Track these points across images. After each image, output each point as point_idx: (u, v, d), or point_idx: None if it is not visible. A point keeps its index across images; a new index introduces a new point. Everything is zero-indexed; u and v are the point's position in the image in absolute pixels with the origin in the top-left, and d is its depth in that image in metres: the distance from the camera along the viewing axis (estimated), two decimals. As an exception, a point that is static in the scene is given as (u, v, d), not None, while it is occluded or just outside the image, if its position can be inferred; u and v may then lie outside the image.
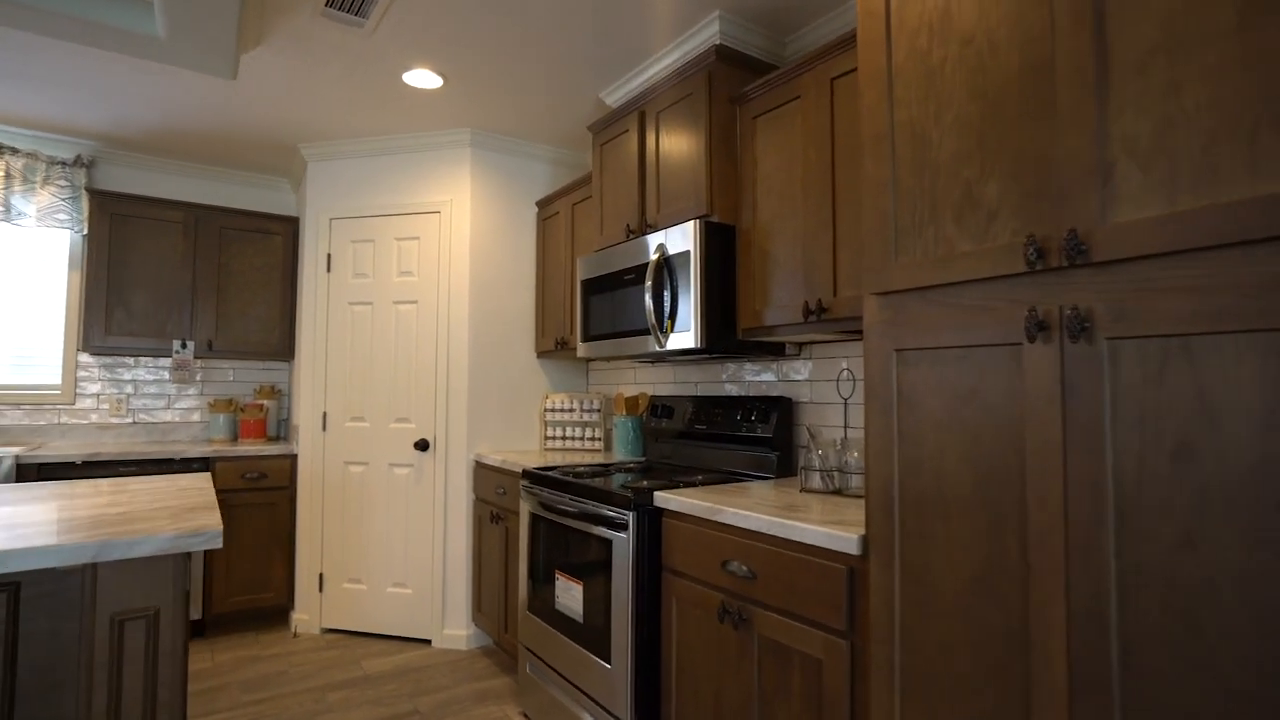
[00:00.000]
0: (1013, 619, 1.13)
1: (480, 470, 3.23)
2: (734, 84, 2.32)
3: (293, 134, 3.42)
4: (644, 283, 2.39)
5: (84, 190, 3.55)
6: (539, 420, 3.54)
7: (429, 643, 3.30)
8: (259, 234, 3.82)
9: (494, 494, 3.06)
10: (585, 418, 3.40)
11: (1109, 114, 1.02)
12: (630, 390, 3.37)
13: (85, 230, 3.56)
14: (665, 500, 2.00)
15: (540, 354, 3.52)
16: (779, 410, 2.37)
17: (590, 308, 2.76)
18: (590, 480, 2.31)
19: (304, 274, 3.59)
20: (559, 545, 2.41)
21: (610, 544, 2.10)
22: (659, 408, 2.91)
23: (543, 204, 3.51)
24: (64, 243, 3.64)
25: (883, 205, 1.37)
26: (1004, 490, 1.15)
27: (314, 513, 3.48)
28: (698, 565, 1.87)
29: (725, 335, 2.24)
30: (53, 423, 3.57)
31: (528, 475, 2.66)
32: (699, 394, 2.88)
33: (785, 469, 2.38)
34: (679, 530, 1.95)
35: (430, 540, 3.31)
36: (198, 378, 3.93)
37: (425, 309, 3.40)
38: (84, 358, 3.65)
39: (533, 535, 2.60)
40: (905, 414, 1.32)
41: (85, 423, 3.64)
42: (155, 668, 1.37)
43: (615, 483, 2.25)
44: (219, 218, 3.71)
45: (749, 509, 1.73)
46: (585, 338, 2.80)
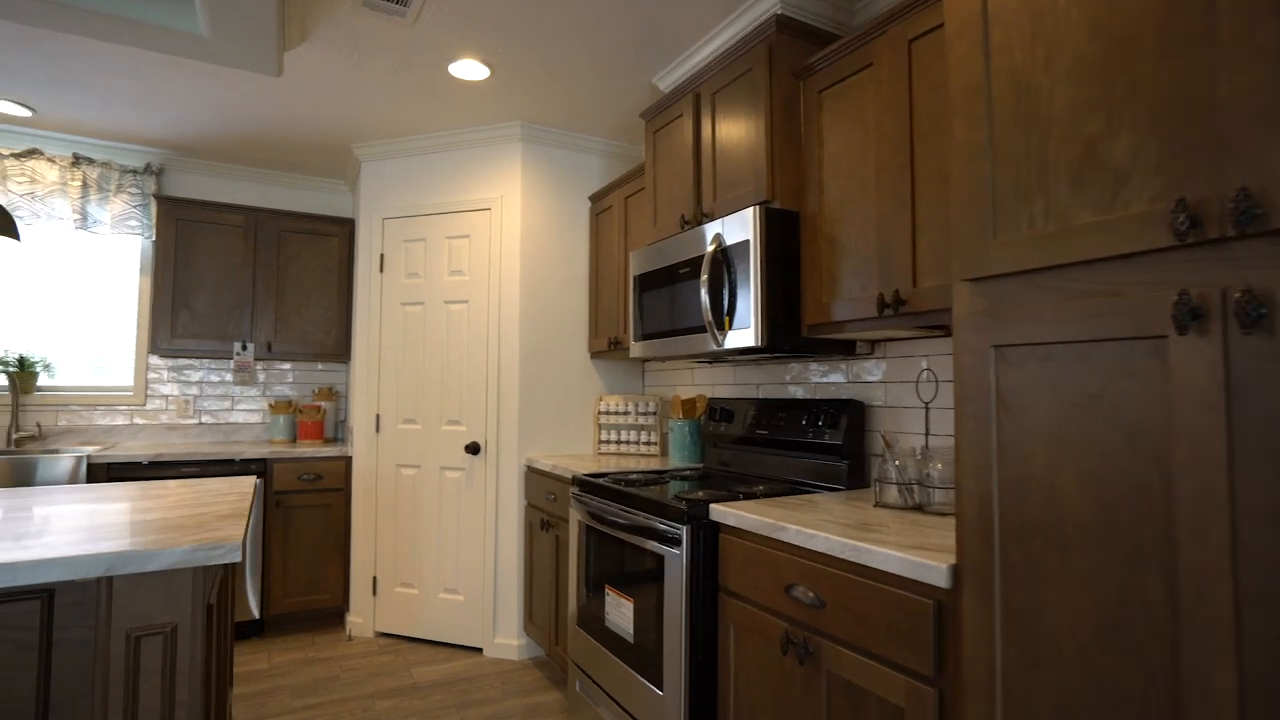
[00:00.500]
0: (1156, 682, 0.90)
1: (531, 475, 3.12)
2: (796, 56, 2.12)
3: (345, 134, 3.41)
4: (699, 276, 2.22)
5: (152, 197, 3.64)
6: (593, 423, 3.41)
7: (480, 651, 3.22)
8: (316, 236, 3.84)
9: (544, 500, 2.95)
10: (640, 421, 3.25)
11: (1292, 36, 0.79)
12: (687, 392, 3.19)
13: (153, 236, 3.65)
14: (722, 514, 1.82)
15: (594, 354, 3.38)
16: (849, 415, 2.15)
17: (644, 305, 2.60)
18: (641, 489, 2.15)
19: (358, 275, 3.58)
20: (609, 558, 2.26)
21: (662, 560, 1.93)
22: (717, 411, 2.72)
23: (595, 198, 3.37)
24: (135, 249, 3.75)
25: (977, 173, 1.16)
26: (1141, 518, 0.92)
27: (368, 515, 3.45)
28: (758, 588, 1.68)
29: (789, 332, 2.04)
30: (126, 423, 3.68)
31: (577, 482, 2.52)
32: (760, 396, 2.68)
33: (856, 480, 2.16)
34: (737, 548, 1.76)
35: (481, 546, 3.23)
36: (260, 379, 3.99)
37: (476, 308, 3.32)
38: (153, 360, 3.74)
39: (582, 546, 2.46)
40: (1007, 422, 1.10)
41: (155, 423, 3.74)
42: (173, 688, 1.29)
43: (669, 492, 2.09)
44: (278, 220, 3.74)
45: (816, 527, 1.53)
46: (639, 336, 2.64)
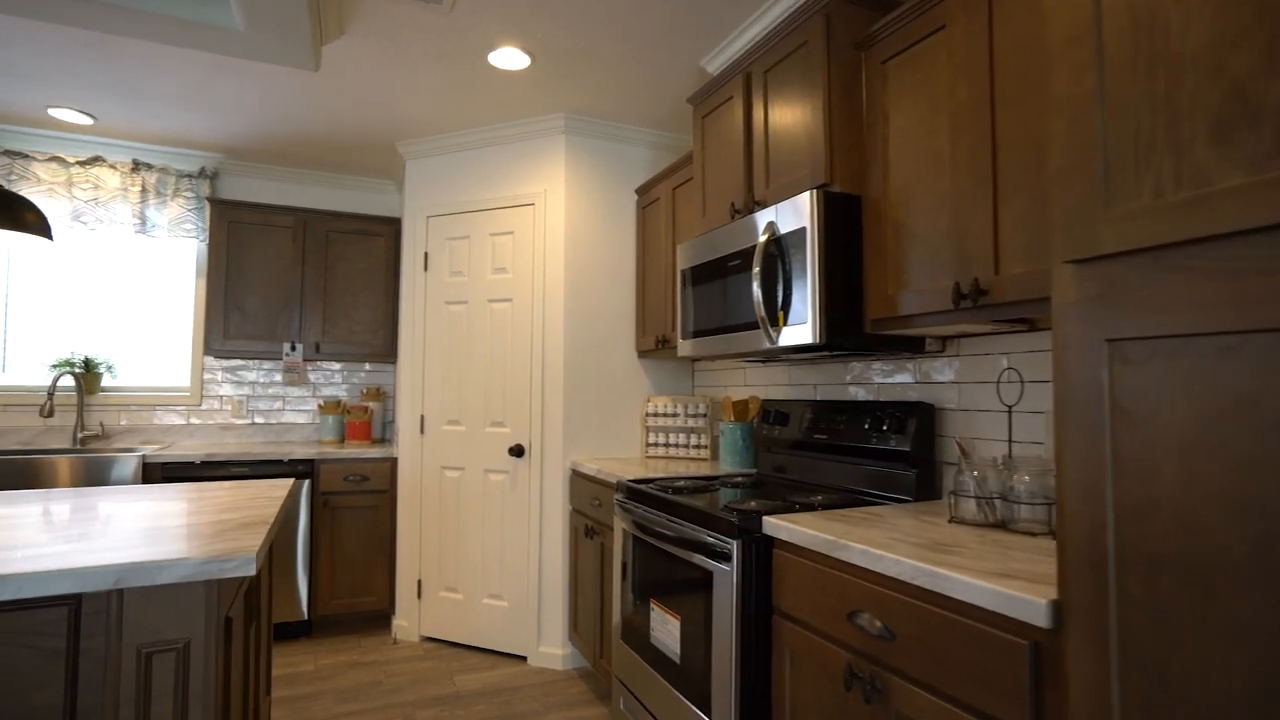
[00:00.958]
0: (1342, 770, 0.70)
1: (576, 479, 3.01)
2: (857, 26, 1.93)
3: (389, 131, 3.37)
4: (751, 269, 2.05)
5: (206, 200, 3.69)
6: (640, 425, 3.28)
7: (524, 660, 3.12)
8: (363, 236, 3.83)
9: (589, 505, 2.83)
10: (690, 423, 3.10)
11: None
12: (739, 393, 3.02)
13: (207, 238, 3.70)
14: (776, 527, 1.65)
15: (641, 353, 3.25)
16: (917, 418, 1.95)
17: (692, 300, 2.45)
18: (688, 498, 2.00)
19: (404, 274, 3.54)
20: (655, 570, 2.12)
21: (711, 576, 1.78)
22: (771, 413, 2.54)
23: (641, 191, 3.24)
24: (192, 252, 3.82)
25: (1083, 132, 0.96)
26: (1315, 557, 0.72)
27: (413, 517, 3.41)
28: (817, 612, 1.51)
29: (849, 328, 1.86)
30: (183, 423, 3.74)
31: (621, 489, 2.39)
32: (818, 398, 2.49)
33: (926, 490, 1.96)
34: (793, 566, 1.59)
35: (525, 552, 3.13)
36: (310, 379, 4.01)
37: (520, 307, 3.23)
38: (208, 360, 3.80)
39: (626, 556, 2.33)
40: (1125, 432, 0.91)
41: (210, 423, 3.79)
42: (185, 709, 1.21)
43: (719, 501, 1.93)
44: (325, 221, 3.75)
45: (884, 546, 1.35)
46: (687, 334, 2.49)
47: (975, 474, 1.59)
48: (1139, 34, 0.90)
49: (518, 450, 3.14)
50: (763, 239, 1.97)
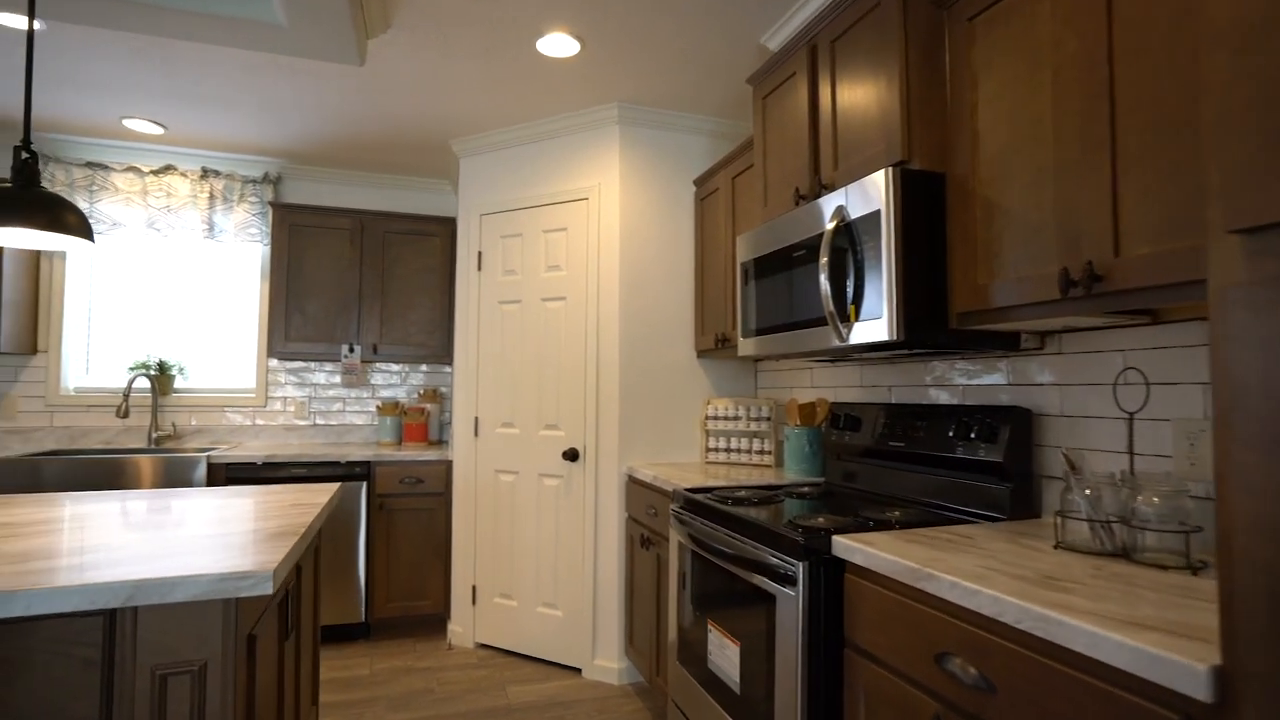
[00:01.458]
0: None
1: (632, 485, 2.87)
2: (940, -19, 1.71)
3: (442, 129, 3.32)
4: (818, 260, 1.86)
5: (269, 205, 3.75)
6: (699, 429, 3.11)
7: (579, 672, 3.00)
8: (419, 236, 3.81)
9: (645, 514, 2.68)
10: (753, 427, 2.91)
11: None
12: (805, 395, 2.81)
13: (269, 242, 3.76)
14: (848, 549, 1.46)
15: (700, 353, 3.08)
16: (1012, 425, 1.71)
17: (754, 295, 2.26)
18: (748, 510, 1.83)
19: (459, 274, 3.49)
20: (713, 587, 1.95)
21: (774, 600, 1.60)
22: (841, 418, 2.33)
23: (700, 181, 3.07)
24: (257, 256, 3.89)
25: (1256, 67, 0.75)
26: None
27: (468, 521, 3.35)
28: (898, 651, 1.31)
29: (931, 323, 1.64)
30: (249, 424, 3.82)
31: (677, 498, 2.23)
32: (893, 401, 2.27)
33: (1022, 508, 1.71)
34: (869, 594, 1.40)
35: (580, 560, 3.01)
36: (370, 380, 4.03)
37: (574, 305, 3.11)
38: (272, 363, 3.86)
39: (683, 571, 2.17)
40: (1323, 452, 0.69)
41: (275, 424, 3.85)
42: (200, 736, 1.13)
43: (783, 514, 1.75)
44: (382, 222, 3.74)
45: (979, 579, 1.14)
46: (748, 332, 2.31)
47: (1088, 492, 1.35)
48: (1343, -76, 0.68)
49: (572, 454, 3.03)
50: (830, 226, 1.78)
